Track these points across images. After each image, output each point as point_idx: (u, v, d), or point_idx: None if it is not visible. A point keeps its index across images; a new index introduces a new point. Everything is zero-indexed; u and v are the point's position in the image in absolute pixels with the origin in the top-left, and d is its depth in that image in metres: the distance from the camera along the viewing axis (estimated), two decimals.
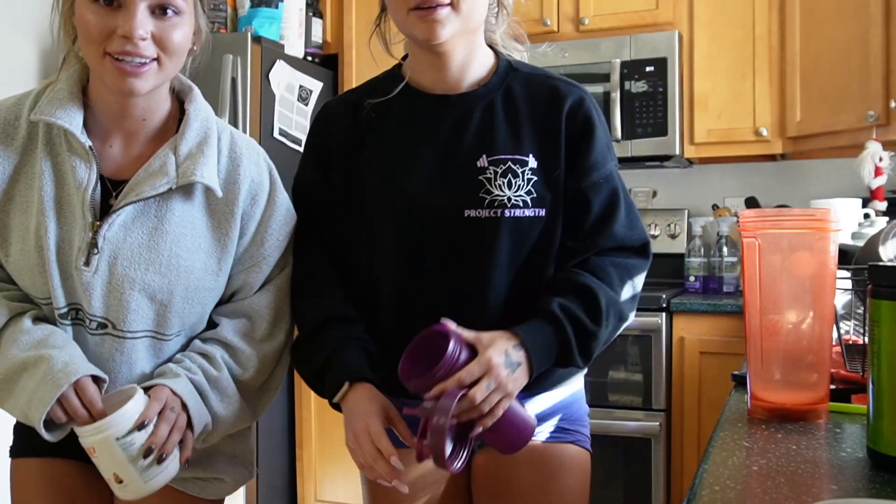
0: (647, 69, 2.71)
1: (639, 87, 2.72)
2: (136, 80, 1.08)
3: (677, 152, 2.72)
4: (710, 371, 2.46)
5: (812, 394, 0.95)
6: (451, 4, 1.12)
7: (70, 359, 1.10)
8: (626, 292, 1.19)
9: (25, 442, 1.26)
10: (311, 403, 2.90)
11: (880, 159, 2.32)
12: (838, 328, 1.30)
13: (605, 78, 2.74)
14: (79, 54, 1.15)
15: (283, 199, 1.26)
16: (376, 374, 1.16)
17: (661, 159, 2.80)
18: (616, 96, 2.72)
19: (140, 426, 1.08)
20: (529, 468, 1.24)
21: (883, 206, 2.41)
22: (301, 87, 3.01)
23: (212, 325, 1.25)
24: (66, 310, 1.15)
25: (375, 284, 1.23)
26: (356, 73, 3.14)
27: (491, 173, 1.17)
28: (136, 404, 1.09)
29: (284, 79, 2.92)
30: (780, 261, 0.91)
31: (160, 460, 1.09)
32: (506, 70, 1.24)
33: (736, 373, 1.21)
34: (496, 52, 1.26)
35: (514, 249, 1.17)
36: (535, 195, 1.17)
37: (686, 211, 3.02)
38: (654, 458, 2.47)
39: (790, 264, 0.91)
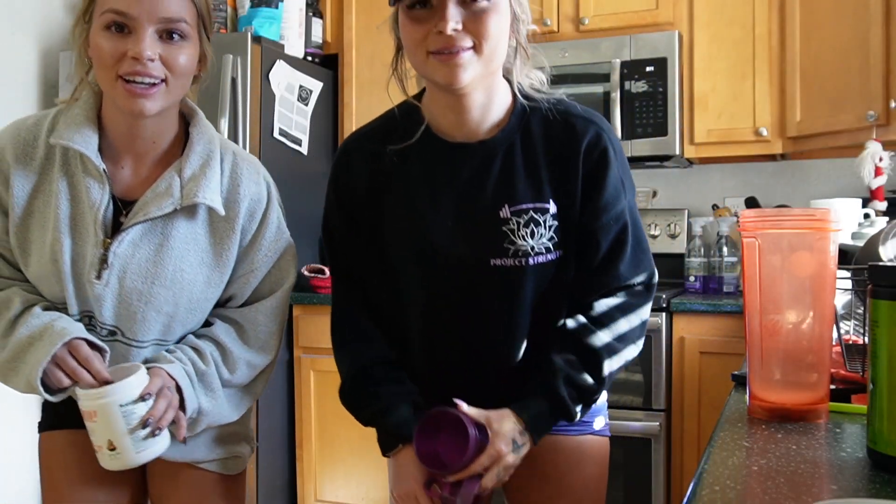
0: (647, 69, 2.71)
1: (639, 87, 2.72)
2: (146, 101, 1.17)
3: (677, 152, 2.72)
4: (710, 371, 2.46)
5: (812, 394, 0.95)
6: (473, 48, 1.11)
7: (68, 324, 1.21)
8: (634, 333, 1.23)
9: (53, 416, 1.37)
10: (311, 404, 2.90)
11: (880, 159, 2.32)
12: (838, 328, 1.30)
13: (605, 78, 2.74)
14: (92, 84, 1.27)
15: (276, 217, 1.34)
16: None
17: (661, 159, 2.80)
18: (616, 96, 2.72)
19: (142, 398, 1.17)
20: (551, 460, 1.29)
21: (883, 206, 2.41)
22: (301, 87, 3.01)
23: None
24: (78, 317, 1.26)
25: (404, 325, 1.28)
26: (356, 73, 3.14)
27: (514, 224, 1.18)
28: (140, 378, 1.18)
29: (284, 79, 2.92)
30: (780, 261, 0.91)
31: (154, 434, 1.18)
32: (523, 110, 1.22)
33: (736, 373, 1.21)
34: (511, 86, 1.24)
35: (536, 290, 1.21)
36: (555, 240, 1.20)
37: (686, 211, 3.02)
38: (654, 458, 2.47)
39: (790, 264, 0.90)
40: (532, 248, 1.18)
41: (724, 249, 2.79)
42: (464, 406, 1.14)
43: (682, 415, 2.49)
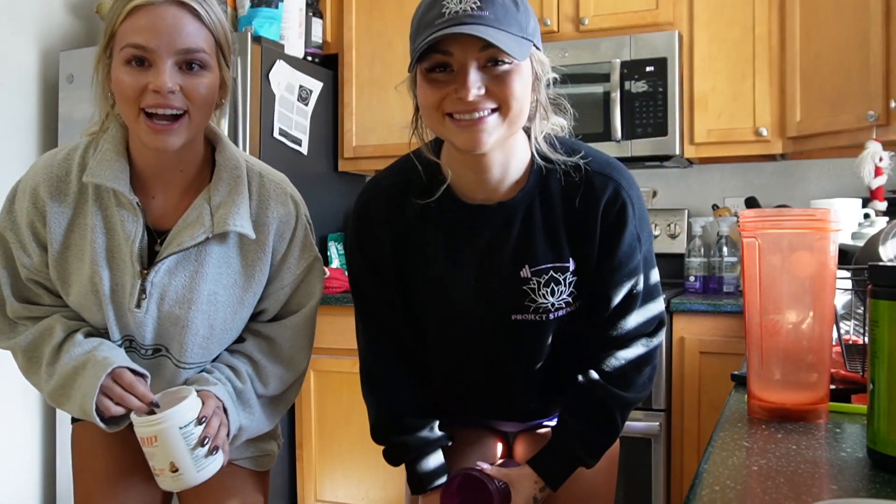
0: (647, 69, 2.71)
1: (639, 87, 2.72)
2: (169, 136, 1.20)
3: (677, 152, 2.72)
4: (710, 371, 2.46)
5: (812, 394, 0.95)
6: (498, 110, 1.07)
7: (109, 354, 1.26)
8: (644, 379, 1.27)
9: None
10: (311, 404, 2.90)
11: (880, 159, 2.32)
12: (838, 328, 1.30)
13: (605, 78, 2.74)
14: (118, 117, 1.29)
15: (303, 234, 1.38)
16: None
17: (661, 159, 2.80)
18: (616, 96, 2.71)
19: (199, 420, 1.22)
20: None
21: (883, 206, 2.41)
22: (301, 87, 3.01)
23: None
24: (120, 341, 1.32)
25: (430, 369, 1.35)
26: (356, 73, 3.14)
27: (535, 283, 1.19)
28: (194, 401, 1.24)
29: (284, 79, 2.92)
30: (780, 261, 0.91)
31: (212, 452, 1.24)
32: (540, 169, 1.20)
33: (736, 373, 1.21)
34: (529, 142, 1.21)
35: (556, 338, 1.26)
36: (574, 294, 1.22)
37: (686, 211, 3.02)
38: (654, 458, 2.47)
39: (790, 264, 0.90)
40: (552, 304, 1.21)
41: (724, 249, 2.79)
42: (486, 467, 1.23)
43: (682, 415, 2.49)
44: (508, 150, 1.16)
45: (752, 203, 2.89)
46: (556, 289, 1.20)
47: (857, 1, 2.38)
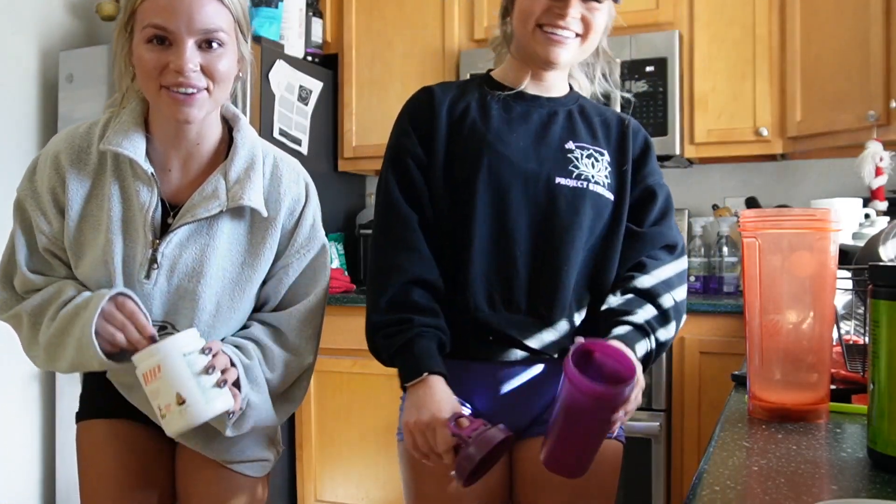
0: (647, 69, 2.71)
1: (639, 87, 2.72)
2: (190, 108, 1.22)
3: (677, 152, 2.71)
4: (710, 371, 2.46)
5: (812, 394, 0.95)
6: (580, 36, 1.32)
7: (106, 287, 1.27)
8: (682, 294, 1.34)
9: (91, 405, 1.44)
10: (310, 404, 2.90)
11: (881, 159, 2.32)
12: (838, 328, 1.30)
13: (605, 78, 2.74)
14: (137, 91, 1.31)
15: (311, 216, 1.39)
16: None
17: (662, 159, 2.80)
18: (616, 96, 2.71)
19: (203, 351, 1.19)
20: None
21: (883, 206, 2.41)
22: (301, 87, 3.01)
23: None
24: None
25: (464, 251, 1.31)
26: (356, 73, 3.14)
27: (578, 154, 1.34)
28: (196, 333, 1.21)
29: (284, 79, 2.92)
30: (780, 261, 0.91)
31: (219, 385, 1.18)
32: (577, 95, 1.44)
33: (736, 373, 1.21)
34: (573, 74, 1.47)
35: (593, 223, 1.31)
36: (609, 181, 1.34)
37: (686, 211, 3.02)
38: (655, 458, 2.47)
39: (790, 264, 0.90)
40: (592, 175, 1.32)
41: (724, 249, 2.79)
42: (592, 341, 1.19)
43: (683, 415, 2.49)
44: (563, 74, 1.41)
45: (752, 203, 2.89)
46: (595, 164, 1.34)
47: (858, 1, 2.38)
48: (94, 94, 2.96)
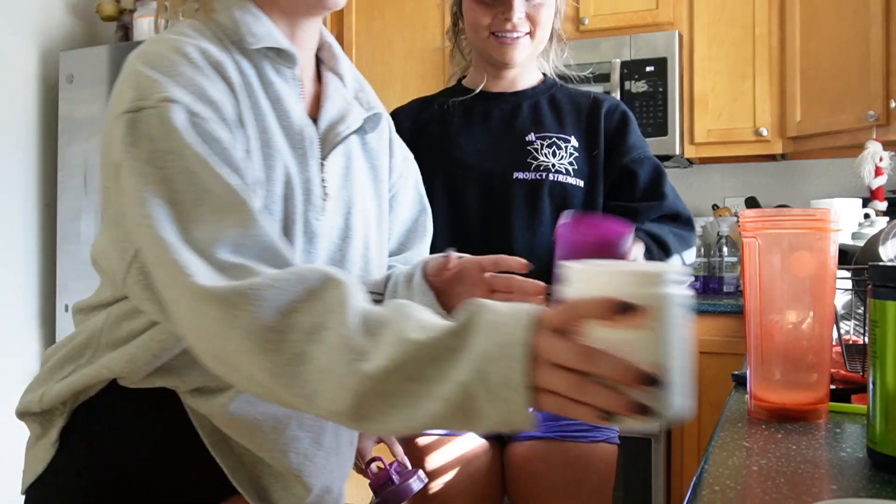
0: (647, 69, 2.71)
1: (639, 87, 2.72)
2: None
3: (677, 152, 2.71)
4: (710, 371, 2.46)
5: (812, 394, 0.95)
6: (529, 34, 1.34)
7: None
8: (690, 255, 1.34)
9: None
10: None
11: (880, 159, 2.32)
12: (838, 328, 1.30)
13: (605, 78, 2.74)
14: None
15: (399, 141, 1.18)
16: None
17: (662, 159, 2.79)
18: (616, 96, 2.71)
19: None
20: (562, 468, 1.29)
21: (883, 206, 2.41)
22: None
23: None
24: None
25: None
26: None
27: (538, 145, 1.35)
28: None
29: None
30: (780, 261, 0.91)
31: None
32: (551, 84, 1.45)
33: (736, 373, 1.21)
34: (544, 75, 1.48)
35: (557, 211, 1.30)
36: (576, 167, 1.34)
37: None
38: (654, 458, 2.47)
39: (790, 264, 0.90)
40: (553, 164, 1.33)
41: (724, 249, 2.79)
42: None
43: None
44: (525, 65, 1.43)
45: (752, 203, 2.89)
46: (557, 152, 1.34)
47: (858, 1, 2.38)
48: (94, 94, 2.96)
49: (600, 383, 0.61)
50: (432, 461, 1.30)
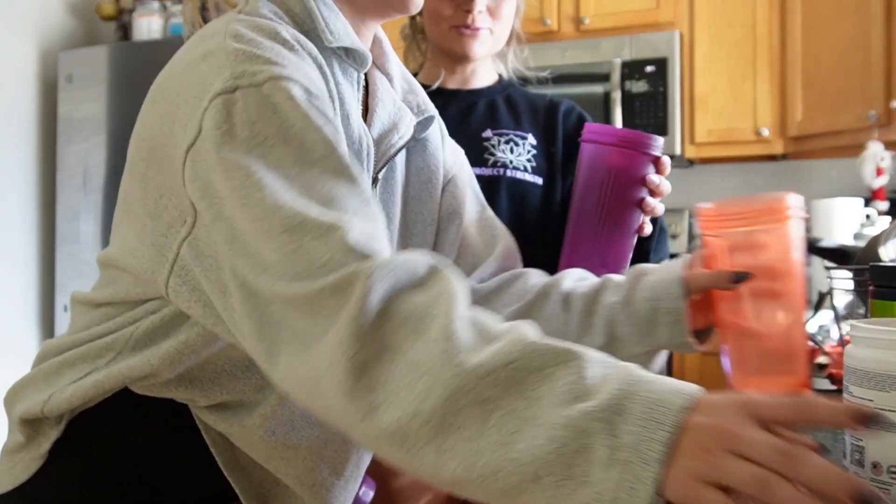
0: (648, 69, 2.71)
1: (639, 86, 2.72)
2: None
3: (678, 152, 2.71)
4: (711, 371, 2.46)
5: (791, 378, 0.91)
6: (489, 29, 1.33)
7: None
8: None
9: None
10: None
11: (882, 159, 2.32)
12: (839, 328, 1.29)
13: (605, 78, 2.74)
14: None
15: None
16: None
17: None
18: (616, 96, 2.71)
19: None
20: None
21: (884, 206, 2.41)
22: None
23: None
24: None
25: None
26: None
27: (495, 141, 1.33)
28: None
29: None
30: (743, 255, 0.88)
31: None
32: (507, 84, 1.43)
33: None
34: (504, 65, 1.45)
35: (516, 209, 1.29)
36: (534, 164, 1.32)
37: (686, 211, 3.02)
38: None
39: (753, 257, 0.87)
40: (510, 161, 1.31)
41: None
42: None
43: None
44: (483, 63, 1.40)
45: None
46: (514, 148, 1.32)
47: (858, 1, 2.38)
48: (94, 94, 2.96)
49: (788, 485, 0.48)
50: None
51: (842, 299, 1.33)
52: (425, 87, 1.30)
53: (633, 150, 1.00)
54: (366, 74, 0.90)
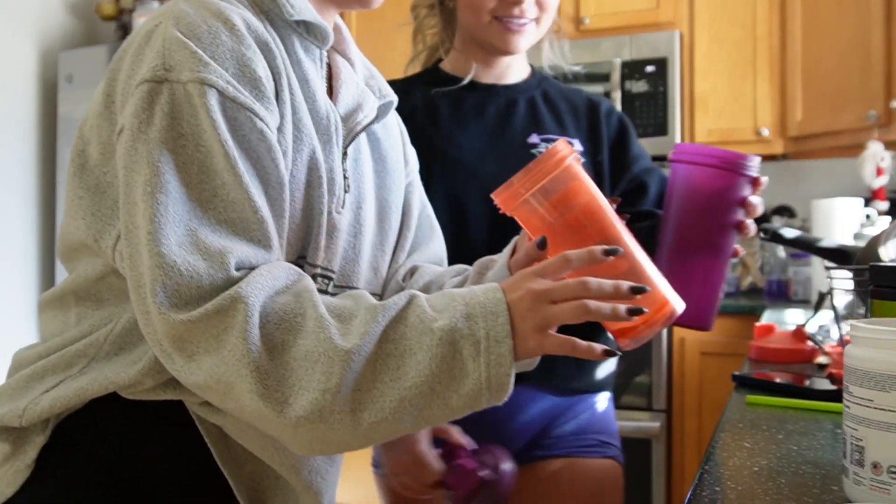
0: (648, 69, 2.71)
1: (639, 86, 2.72)
2: None
3: None
4: (710, 372, 2.46)
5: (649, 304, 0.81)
6: (535, 20, 1.22)
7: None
8: None
9: None
10: None
11: (882, 159, 2.32)
12: (839, 328, 1.29)
13: (606, 78, 2.74)
14: None
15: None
16: None
17: (662, 159, 2.79)
18: (616, 96, 2.71)
19: None
20: (570, 488, 1.22)
21: (884, 206, 2.41)
22: None
23: None
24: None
25: None
26: None
27: (543, 148, 1.22)
28: None
29: None
30: (543, 217, 0.81)
31: None
32: (541, 76, 1.33)
33: (736, 373, 1.21)
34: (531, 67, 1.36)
35: None
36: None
37: None
38: (655, 458, 2.46)
39: (559, 214, 0.81)
40: None
41: None
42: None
43: (683, 415, 2.48)
44: (520, 56, 1.30)
45: None
46: None
47: (858, 1, 2.38)
48: (94, 94, 2.96)
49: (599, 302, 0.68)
50: None
51: (842, 299, 1.33)
52: (454, 78, 1.27)
53: (735, 172, 0.94)
54: (328, 59, 0.91)
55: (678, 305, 0.73)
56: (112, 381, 0.76)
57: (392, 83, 1.24)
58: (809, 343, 1.36)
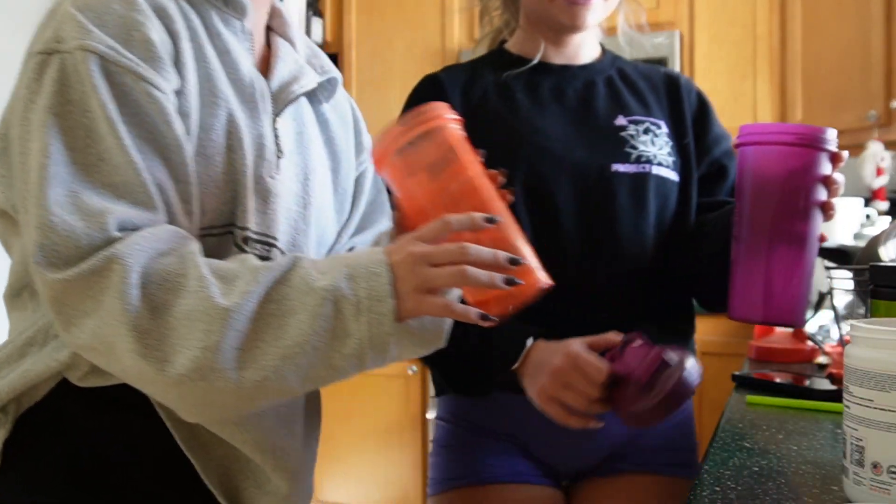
0: None
1: None
2: None
3: None
4: (710, 371, 2.45)
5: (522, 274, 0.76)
6: None
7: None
8: None
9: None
10: None
11: (882, 159, 2.32)
12: (839, 328, 1.29)
13: None
14: None
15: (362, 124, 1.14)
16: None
17: None
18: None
19: None
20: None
21: (884, 206, 2.41)
22: None
23: None
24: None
25: None
26: (356, 72, 3.14)
27: (633, 131, 1.12)
28: None
29: None
30: (410, 180, 0.78)
31: None
32: (613, 56, 1.23)
33: (736, 373, 1.21)
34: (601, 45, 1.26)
35: (660, 215, 1.10)
36: (673, 158, 1.12)
37: None
38: None
39: (429, 179, 0.79)
40: (654, 155, 1.10)
41: None
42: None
43: None
44: (589, 33, 1.20)
45: None
46: (654, 140, 1.12)
47: (859, 1, 2.38)
48: None
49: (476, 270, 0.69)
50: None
51: (842, 299, 1.33)
52: (522, 59, 1.16)
53: (812, 148, 0.87)
54: (268, 40, 0.95)
55: (545, 281, 0.75)
56: (48, 364, 0.77)
57: (457, 67, 1.22)
58: (809, 343, 1.36)
